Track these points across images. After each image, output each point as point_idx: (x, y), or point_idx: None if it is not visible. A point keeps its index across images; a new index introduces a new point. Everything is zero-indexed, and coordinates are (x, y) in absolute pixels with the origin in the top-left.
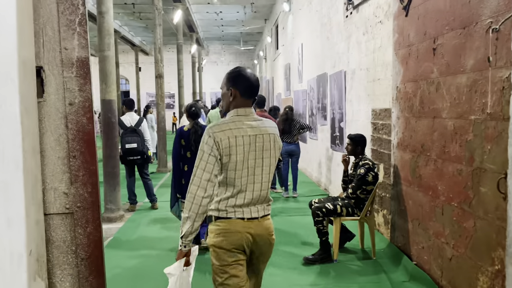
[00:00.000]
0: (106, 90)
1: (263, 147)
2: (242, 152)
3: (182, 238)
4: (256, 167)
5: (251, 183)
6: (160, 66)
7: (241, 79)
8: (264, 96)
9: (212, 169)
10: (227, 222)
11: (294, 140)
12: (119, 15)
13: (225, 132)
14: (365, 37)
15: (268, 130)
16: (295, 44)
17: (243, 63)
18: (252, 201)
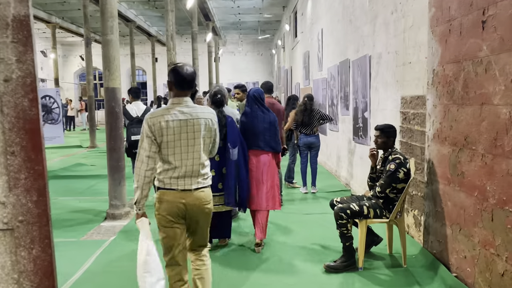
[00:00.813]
0: (109, 78)
1: (194, 129)
2: (172, 133)
3: (136, 204)
4: (188, 146)
5: (185, 159)
6: (173, 54)
7: (175, 74)
8: (270, 82)
9: (150, 148)
10: (163, 193)
11: (314, 132)
12: (134, 4)
13: (157, 118)
14: (394, 16)
15: (200, 115)
16: (314, 30)
17: (261, 52)
18: (186, 174)
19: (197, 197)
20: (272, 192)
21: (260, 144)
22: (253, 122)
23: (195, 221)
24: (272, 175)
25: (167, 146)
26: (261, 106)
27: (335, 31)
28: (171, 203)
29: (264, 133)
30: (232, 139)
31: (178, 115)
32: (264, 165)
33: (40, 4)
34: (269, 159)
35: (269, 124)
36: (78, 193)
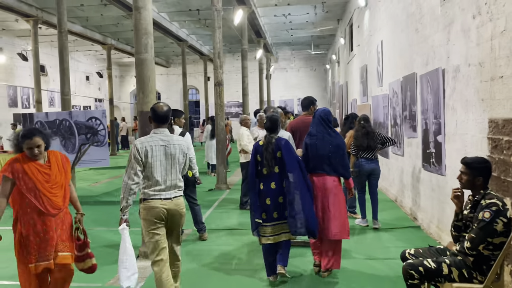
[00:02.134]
0: (143, 101)
1: (171, 153)
2: (155, 155)
3: (121, 210)
4: (167, 165)
5: (164, 176)
6: (220, 72)
7: (153, 112)
8: (308, 99)
9: (136, 167)
10: (149, 201)
11: (375, 157)
12: (186, 23)
13: (143, 143)
14: (477, 20)
15: (175, 142)
16: (373, 42)
17: (314, 68)
18: (166, 188)
19: (176, 203)
20: (340, 220)
21: (325, 168)
22: (318, 145)
23: (173, 222)
24: (339, 201)
25: (152, 166)
26: (327, 128)
27: (397, 42)
28: (156, 209)
29: (329, 157)
30: (290, 163)
31: (159, 142)
32: (329, 190)
33: (96, 26)
34: (335, 185)
35: (336, 148)
36: (115, 222)
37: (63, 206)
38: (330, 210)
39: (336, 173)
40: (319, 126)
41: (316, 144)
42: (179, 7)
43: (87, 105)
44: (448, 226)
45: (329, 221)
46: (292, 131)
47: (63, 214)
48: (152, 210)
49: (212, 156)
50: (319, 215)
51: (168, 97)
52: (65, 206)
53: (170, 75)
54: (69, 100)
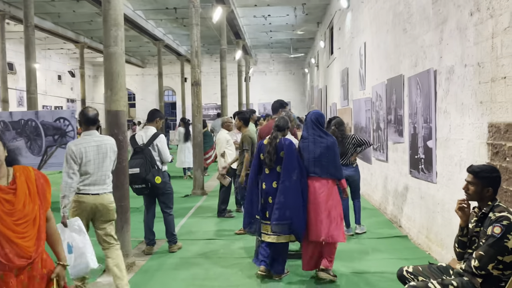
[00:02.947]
0: (111, 98)
1: (103, 152)
2: (89, 156)
3: (64, 208)
4: (98, 164)
5: (96, 173)
6: (197, 72)
7: (83, 115)
8: (277, 102)
9: (74, 167)
10: (80, 196)
11: (351, 163)
12: (162, 21)
13: (77, 145)
14: (475, 17)
15: (106, 142)
16: (355, 45)
17: (293, 72)
18: (96, 183)
19: (104, 198)
20: (335, 223)
21: (316, 170)
22: (310, 147)
23: (102, 214)
24: (333, 203)
25: (85, 164)
26: (318, 130)
27: (382, 43)
28: (86, 203)
29: (321, 158)
30: (291, 164)
31: (92, 142)
32: (322, 192)
33: (68, 23)
34: (329, 187)
35: (326, 149)
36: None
37: (35, 253)
38: (324, 212)
39: (329, 174)
40: (310, 129)
41: (308, 147)
42: (156, 5)
43: (58, 106)
44: (438, 237)
45: (322, 223)
46: (260, 137)
47: (36, 267)
48: (82, 203)
49: (185, 160)
50: (312, 218)
51: (143, 98)
52: (39, 253)
53: (146, 76)
54: (35, 99)
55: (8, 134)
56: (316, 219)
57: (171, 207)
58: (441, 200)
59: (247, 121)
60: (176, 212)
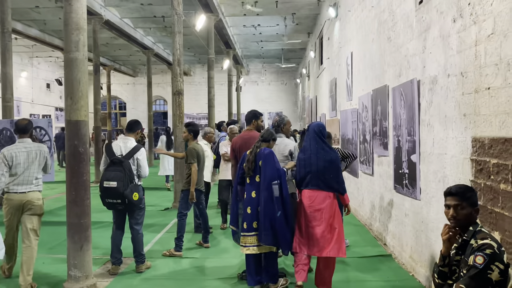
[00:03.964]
0: (72, 107)
1: (32, 157)
2: (18, 159)
3: None
4: (27, 167)
5: (23, 175)
6: (179, 81)
7: (15, 125)
8: (251, 112)
9: (3, 168)
10: (9, 195)
11: None
12: (151, 30)
13: (9, 150)
14: (458, 24)
15: (34, 149)
16: (342, 54)
17: (285, 82)
18: (23, 182)
19: (30, 196)
20: (334, 236)
21: (319, 183)
22: (312, 160)
23: (29, 209)
24: (333, 217)
25: (15, 167)
26: (322, 143)
27: (368, 53)
28: (14, 200)
29: (324, 172)
30: (269, 174)
31: (22, 148)
32: (324, 206)
33: (55, 31)
34: (330, 201)
35: (330, 163)
36: (48, 248)
37: None
38: (325, 227)
39: (331, 188)
40: (312, 141)
41: (310, 159)
42: (143, 13)
43: (47, 114)
44: (422, 257)
45: (322, 238)
46: (232, 149)
47: None
48: (10, 201)
49: (168, 168)
50: (312, 232)
51: (134, 107)
52: None
53: (137, 85)
54: (11, 108)
55: None
56: (317, 233)
57: (141, 223)
58: (424, 218)
59: (196, 134)
60: (152, 227)
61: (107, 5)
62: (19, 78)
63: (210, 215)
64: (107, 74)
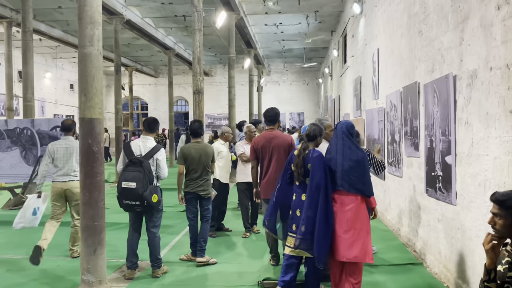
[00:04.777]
0: (86, 105)
1: (69, 153)
2: (58, 154)
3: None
4: (66, 160)
5: (64, 168)
6: (199, 79)
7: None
8: (274, 110)
9: (47, 161)
10: (54, 183)
11: None
12: (172, 30)
13: (53, 145)
14: (503, 11)
15: (74, 145)
16: (368, 52)
17: (307, 82)
18: (64, 173)
19: (69, 185)
20: (361, 241)
21: (344, 184)
22: (338, 159)
23: (69, 196)
24: (360, 221)
25: (57, 159)
26: (349, 142)
27: (397, 49)
28: (57, 188)
29: (349, 172)
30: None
31: (63, 144)
32: (350, 209)
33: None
34: (357, 203)
35: (356, 163)
36: (64, 250)
37: None
38: (350, 230)
39: (356, 190)
40: (340, 140)
41: (335, 159)
42: (164, 13)
43: (70, 114)
44: (458, 268)
45: (348, 241)
46: (253, 149)
47: None
48: (54, 188)
49: None
50: (338, 236)
51: (155, 108)
52: None
53: (159, 86)
54: (31, 107)
55: (3, 143)
56: (342, 236)
57: (158, 226)
58: (461, 225)
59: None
60: (170, 229)
61: (128, 4)
62: (44, 79)
63: (228, 217)
64: (129, 74)
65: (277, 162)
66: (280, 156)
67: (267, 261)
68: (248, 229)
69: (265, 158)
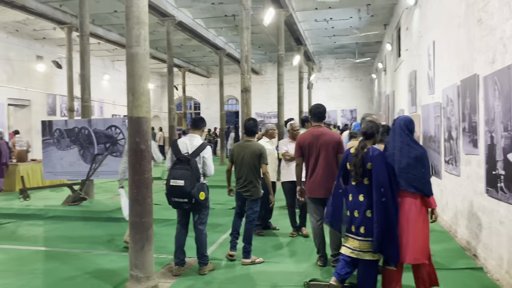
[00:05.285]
0: (133, 104)
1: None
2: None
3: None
4: None
5: None
6: (247, 78)
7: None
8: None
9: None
10: None
11: None
12: (223, 30)
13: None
14: None
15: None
16: (423, 44)
17: (360, 78)
18: None
19: None
20: (420, 243)
21: (402, 183)
22: (395, 156)
23: None
24: (420, 221)
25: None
26: (407, 138)
27: (453, 40)
28: None
29: (408, 170)
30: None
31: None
32: (408, 208)
33: None
34: (417, 203)
35: (415, 160)
36: (116, 245)
37: None
38: (410, 230)
39: (415, 189)
40: (398, 136)
41: (393, 156)
42: (214, 13)
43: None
44: None
45: (408, 243)
46: (299, 146)
47: None
48: None
49: None
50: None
51: (207, 107)
52: None
53: (211, 85)
54: (89, 108)
55: (63, 142)
56: (403, 238)
57: (205, 223)
58: None
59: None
60: (218, 227)
61: (179, 6)
62: (102, 81)
63: (276, 215)
64: (182, 75)
65: (325, 160)
66: (328, 154)
67: (314, 262)
68: (296, 229)
69: (312, 156)
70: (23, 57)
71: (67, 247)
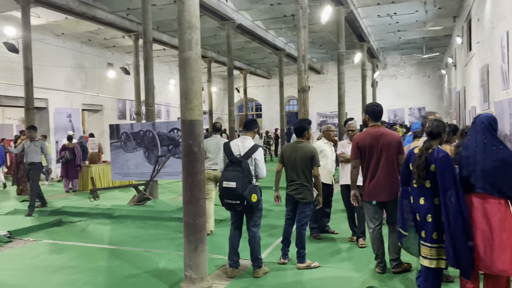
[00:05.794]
0: (186, 107)
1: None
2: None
3: None
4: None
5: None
6: (304, 77)
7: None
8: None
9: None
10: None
11: None
12: (282, 30)
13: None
14: None
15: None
16: (496, 36)
17: (428, 74)
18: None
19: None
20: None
21: (486, 187)
22: (477, 157)
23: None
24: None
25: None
26: (491, 138)
27: None
28: (209, 174)
29: (494, 173)
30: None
31: (212, 141)
32: (493, 215)
33: None
34: (501, 208)
35: (502, 162)
36: (176, 245)
37: None
38: (495, 239)
39: (502, 194)
40: (480, 135)
41: (475, 156)
42: (273, 14)
43: None
44: None
45: (493, 252)
46: (357, 147)
47: None
48: (208, 174)
49: None
50: (479, 244)
51: (269, 108)
52: None
53: (272, 86)
54: (152, 111)
55: (130, 145)
56: (486, 246)
57: (258, 225)
58: None
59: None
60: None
61: (239, 9)
62: (168, 85)
63: (334, 218)
64: (244, 77)
65: (386, 162)
66: (390, 156)
67: (372, 268)
68: (355, 233)
69: (373, 158)
70: (95, 64)
71: (130, 246)
